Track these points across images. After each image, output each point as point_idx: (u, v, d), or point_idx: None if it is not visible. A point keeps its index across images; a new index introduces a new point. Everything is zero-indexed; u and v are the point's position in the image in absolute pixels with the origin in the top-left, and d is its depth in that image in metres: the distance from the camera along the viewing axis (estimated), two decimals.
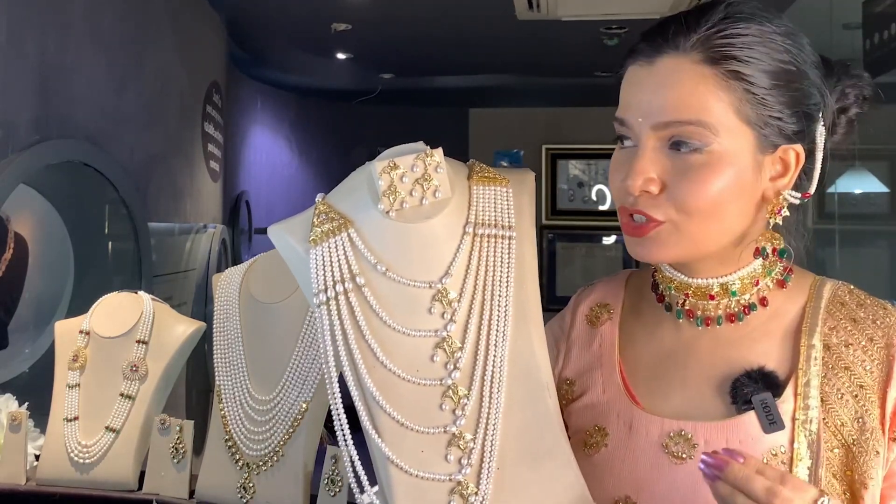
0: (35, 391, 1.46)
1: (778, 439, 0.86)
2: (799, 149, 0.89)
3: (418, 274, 0.82)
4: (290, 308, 1.11)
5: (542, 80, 5.59)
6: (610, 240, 6.38)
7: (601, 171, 6.34)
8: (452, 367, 0.81)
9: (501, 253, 0.84)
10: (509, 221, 0.85)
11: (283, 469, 1.07)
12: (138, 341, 1.27)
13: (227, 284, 1.19)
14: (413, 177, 0.82)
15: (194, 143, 3.73)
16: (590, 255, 6.44)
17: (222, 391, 1.14)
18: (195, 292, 3.57)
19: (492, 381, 0.81)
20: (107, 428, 1.23)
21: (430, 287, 0.82)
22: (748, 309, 0.92)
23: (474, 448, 0.80)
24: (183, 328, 1.31)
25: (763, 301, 0.93)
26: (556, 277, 6.25)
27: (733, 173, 0.86)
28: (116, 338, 1.28)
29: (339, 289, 0.82)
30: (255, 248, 5.02)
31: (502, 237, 0.85)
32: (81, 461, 1.22)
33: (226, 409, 1.13)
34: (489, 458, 0.80)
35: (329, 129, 6.39)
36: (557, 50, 4.58)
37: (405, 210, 0.82)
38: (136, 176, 2.90)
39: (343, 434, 0.80)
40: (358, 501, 0.82)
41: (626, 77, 0.92)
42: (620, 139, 0.92)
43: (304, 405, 1.07)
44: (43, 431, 1.28)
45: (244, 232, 4.98)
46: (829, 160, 0.92)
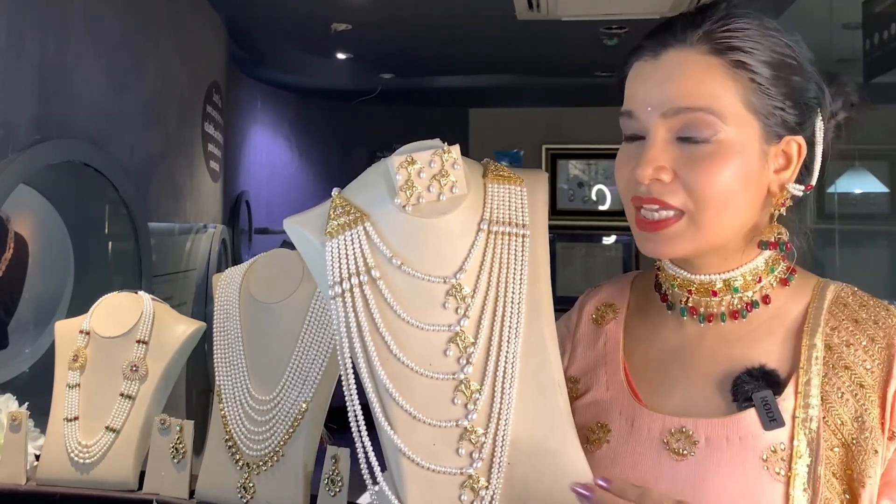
0: (35, 391, 1.46)
1: (778, 436, 0.87)
2: (801, 140, 0.91)
3: (433, 269, 0.82)
4: (290, 308, 1.11)
5: (542, 80, 5.60)
6: (610, 240, 6.38)
7: (601, 171, 6.35)
8: (465, 362, 0.82)
9: (515, 250, 0.85)
10: (523, 220, 0.86)
11: (283, 469, 1.07)
12: (138, 341, 1.27)
13: (227, 284, 1.19)
14: (430, 172, 0.83)
15: (194, 143, 3.73)
16: (590, 255, 6.45)
17: (222, 391, 1.14)
18: (195, 292, 3.57)
19: (504, 377, 0.82)
20: (107, 428, 1.23)
21: (445, 282, 0.82)
22: (751, 306, 0.93)
23: (485, 442, 0.80)
24: (183, 328, 1.31)
25: (766, 299, 0.93)
26: (555, 277, 6.25)
27: (741, 162, 0.87)
28: (116, 338, 1.28)
29: (355, 281, 0.83)
30: (256, 248, 5.02)
31: (516, 235, 0.85)
32: (81, 461, 1.22)
33: (226, 408, 1.13)
34: (500, 453, 0.80)
35: (329, 129, 6.40)
36: (557, 50, 4.59)
37: (421, 205, 0.83)
38: (136, 176, 2.90)
39: (357, 425, 0.81)
40: (370, 491, 0.82)
41: (631, 73, 0.93)
42: (626, 138, 0.93)
43: (304, 405, 1.07)
44: (43, 431, 1.28)
45: (244, 232, 4.98)
46: (829, 153, 0.94)
